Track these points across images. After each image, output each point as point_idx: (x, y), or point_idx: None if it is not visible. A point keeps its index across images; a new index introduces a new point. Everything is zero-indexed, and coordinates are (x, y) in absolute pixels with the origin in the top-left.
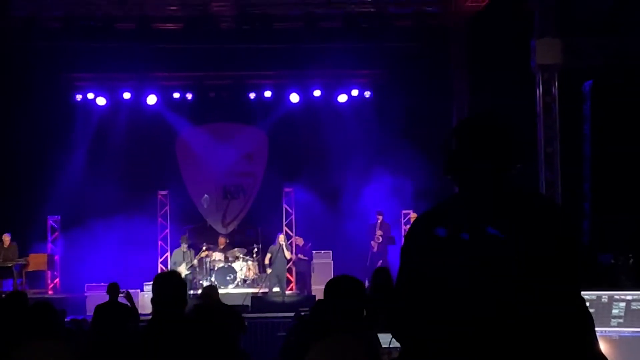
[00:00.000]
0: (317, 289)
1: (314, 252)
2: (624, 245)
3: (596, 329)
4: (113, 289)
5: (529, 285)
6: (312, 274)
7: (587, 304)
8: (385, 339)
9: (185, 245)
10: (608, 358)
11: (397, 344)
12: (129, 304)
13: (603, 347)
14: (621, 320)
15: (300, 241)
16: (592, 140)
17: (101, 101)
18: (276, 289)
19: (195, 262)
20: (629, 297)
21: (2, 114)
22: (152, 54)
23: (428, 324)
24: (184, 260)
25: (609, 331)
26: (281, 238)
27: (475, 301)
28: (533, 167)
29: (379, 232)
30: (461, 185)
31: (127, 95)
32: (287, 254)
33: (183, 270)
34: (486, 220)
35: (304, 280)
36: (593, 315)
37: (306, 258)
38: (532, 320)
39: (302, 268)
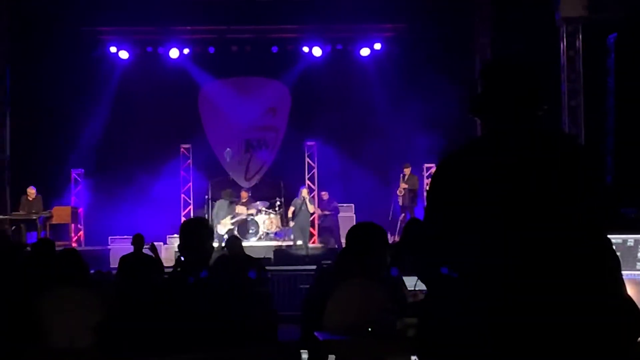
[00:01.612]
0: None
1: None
2: None
3: (622, 271)
4: (138, 240)
5: (560, 223)
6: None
7: (614, 247)
8: (411, 282)
9: (229, 199)
10: (634, 300)
11: (423, 286)
12: (153, 256)
13: (629, 289)
14: None
15: (325, 196)
16: (616, 93)
17: (124, 55)
18: (299, 242)
19: (240, 217)
20: None
21: (25, 68)
22: (175, 8)
23: (458, 264)
24: (228, 213)
25: (635, 274)
26: (304, 192)
27: (506, 240)
28: (557, 120)
29: (402, 185)
30: (487, 126)
31: (149, 49)
32: (311, 208)
33: (227, 223)
34: (514, 159)
35: (332, 234)
36: (620, 258)
37: (331, 212)
38: (559, 261)
39: (329, 223)
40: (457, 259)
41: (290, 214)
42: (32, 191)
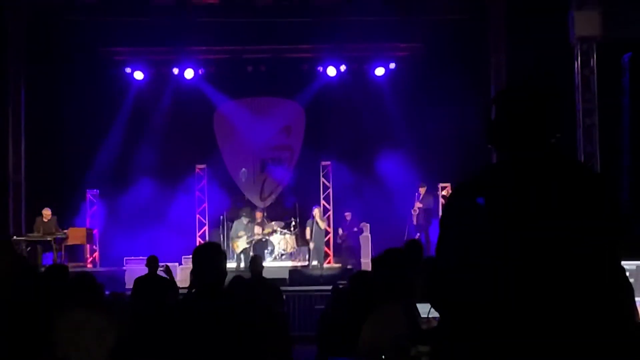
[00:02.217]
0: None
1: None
2: None
3: (636, 298)
4: (152, 262)
5: (573, 252)
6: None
7: (627, 273)
8: (424, 309)
9: (247, 219)
10: None
11: (436, 314)
12: (167, 277)
13: None
14: None
15: (348, 216)
16: (631, 112)
17: (139, 75)
18: (315, 262)
19: (256, 237)
20: None
21: (41, 89)
22: (190, 28)
23: (470, 293)
24: (245, 232)
25: None
26: (315, 211)
27: (520, 270)
28: (572, 139)
29: (417, 204)
30: (501, 155)
31: (164, 69)
32: (322, 224)
33: (243, 242)
34: (528, 188)
35: (352, 254)
36: (633, 285)
37: (354, 232)
38: (573, 289)
39: (350, 243)
40: (469, 288)
41: (308, 236)
42: (47, 212)
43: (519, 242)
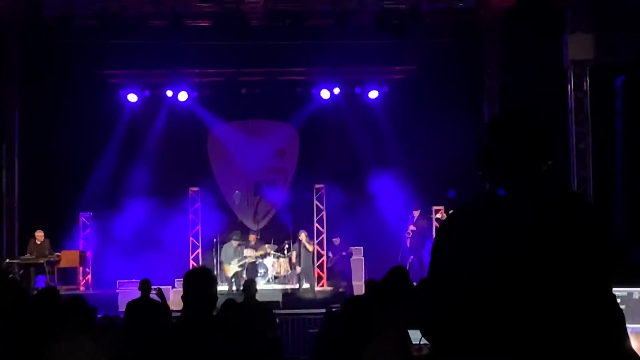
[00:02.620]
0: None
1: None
2: None
3: (627, 325)
4: (145, 285)
5: (562, 282)
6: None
7: (618, 300)
8: (416, 336)
9: (237, 242)
10: (639, 354)
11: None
12: (160, 301)
13: (634, 343)
14: None
15: (337, 241)
16: (623, 135)
17: (133, 98)
18: (306, 286)
19: (248, 258)
20: None
21: (35, 111)
22: (184, 51)
23: (461, 321)
24: (235, 256)
25: None
26: (302, 235)
27: (510, 299)
28: (565, 162)
29: (411, 227)
30: (493, 182)
31: (158, 92)
32: (309, 247)
33: (235, 266)
34: (520, 217)
35: (343, 278)
36: (624, 312)
37: (343, 256)
38: (564, 317)
39: (341, 267)
40: (459, 315)
41: (294, 259)
42: (40, 234)
43: (509, 270)
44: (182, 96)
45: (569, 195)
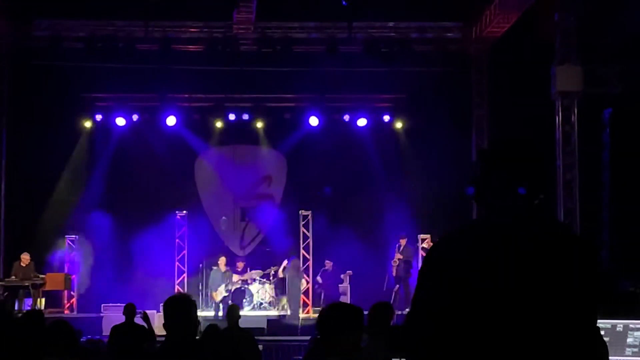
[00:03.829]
0: None
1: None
2: None
3: (611, 358)
4: (130, 310)
5: (549, 313)
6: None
7: (602, 332)
8: None
9: (224, 267)
10: None
11: None
12: (145, 325)
13: None
14: (636, 350)
15: (328, 264)
16: (610, 167)
17: (121, 122)
18: (288, 313)
19: (235, 284)
20: None
21: (22, 133)
22: (173, 76)
23: (446, 348)
24: (222, 281)
25: None
26: (295, 261)
27: (496, 327)
28: (552, 194)
29: (397, 256)
30: (484, 210)
31: (146, 116)
32: (280, 274)
33: (222, 292)
34: (510, 247)
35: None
36: (608, 344)
37: (330, 282)
38: (550, 347)
39: (331, 292)
40: (444, 343)
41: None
42: (26, 257)
43: (495, 301)
44: (171, 120)
45: (558, 227)
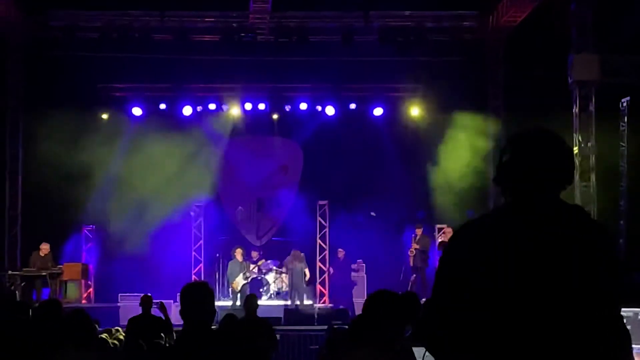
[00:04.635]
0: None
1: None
2: None
3: (633, 345)
4: (146, 302)
5: (573, 301)
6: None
7: (625, 320)
8: (419, 353)
9: (242, 257)
10: None
11: (431, 358)
12: (162, 316)
13: None
14: None
15: (340, 253)
16: (628, 157)
17: (137, 111)
18: (308, 302)
19: (253, 273)
20: None
21: (39, 123)
22: (189, 65)
23: (467, 336)
24: (240, 271)
25: None
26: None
27: (518, 314)
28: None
29: (414, 246)
30: (509, 198)
31: (162, 106)
32: (299, 265)
33: (240, 281)
34: (535, 235)
35: (345, 293)
36: (630, 332)
37: (342, 270)
38: (573, 335)
39: (342, 281)
40: (465, 333)
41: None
42: (45, 247)
43: (517, 286)
44: (187, 110)
45: (581, 214)
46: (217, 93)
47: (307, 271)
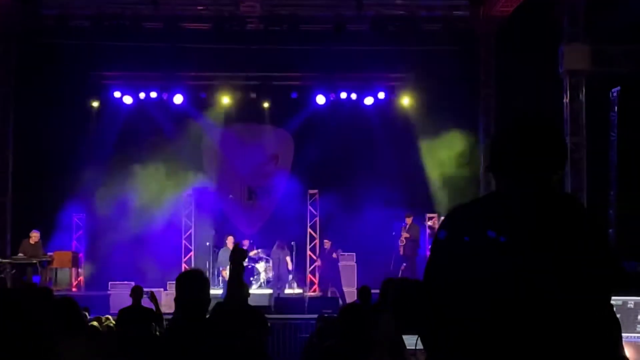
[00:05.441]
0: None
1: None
2: None
3: (622, 334)
4: (136, 292)
5: (563, 288)
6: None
7: (614, 309)
8: (410, 341)
9: (232, 245)
10: None
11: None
12: (153, 307)
13: (628, 352)
14: None
15: (327, 244)
16: (618, 146)
17: (128, 100)
18: (299, 290)
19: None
20: None
21: (30, 111)
22: (180, 54)
23: (456, 324)
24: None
25: (635, 337)
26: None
27: (505, 303)
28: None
29: (404, 235)
30: (502, 185)
31: (153, 95)
32: (281, 254)
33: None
34: (527, 223)
35: (333, 283)
36: (619, 320)
37: (330, 261)
38: (559, 324)
39: (329, 271)
40: (455, 320)
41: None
42: (35, 234)
43: (508, 273)
44: (177, 99)
45: (573, 201)
46: (208, 81)
47: (288, 259)
